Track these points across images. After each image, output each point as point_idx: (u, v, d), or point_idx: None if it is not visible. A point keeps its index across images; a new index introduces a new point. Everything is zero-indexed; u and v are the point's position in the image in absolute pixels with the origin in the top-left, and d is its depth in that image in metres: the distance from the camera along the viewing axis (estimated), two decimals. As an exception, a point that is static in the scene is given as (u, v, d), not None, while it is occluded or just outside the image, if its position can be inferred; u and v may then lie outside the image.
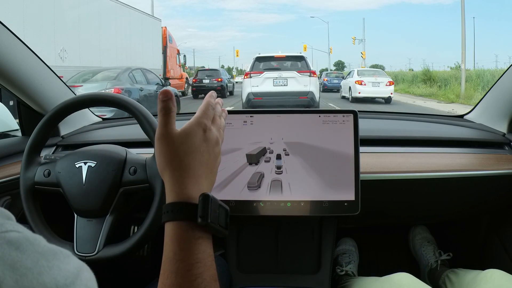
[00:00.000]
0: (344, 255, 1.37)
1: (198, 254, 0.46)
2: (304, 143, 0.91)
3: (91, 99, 0.87)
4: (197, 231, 0.47)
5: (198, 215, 0.47)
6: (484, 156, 1.11)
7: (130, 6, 13.12)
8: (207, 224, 0.47)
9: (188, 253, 0.46)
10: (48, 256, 0.32)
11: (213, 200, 0.49)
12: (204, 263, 0.46)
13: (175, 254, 0.46)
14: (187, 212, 0.47)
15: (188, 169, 0.49)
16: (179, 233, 0.47)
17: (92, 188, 0.81)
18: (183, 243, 0.47)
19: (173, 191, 0.49)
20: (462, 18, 14.92)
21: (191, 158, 0.50)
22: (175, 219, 0.48)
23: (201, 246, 0.47)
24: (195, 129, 0.52)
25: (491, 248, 1.29)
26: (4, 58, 0.94)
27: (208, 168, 0.52)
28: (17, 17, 7.73)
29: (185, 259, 0.46)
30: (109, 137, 1.20)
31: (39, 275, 0.30)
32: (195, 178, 0.50)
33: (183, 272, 0.45)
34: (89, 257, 0.79)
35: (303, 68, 8.70)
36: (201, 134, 0.52)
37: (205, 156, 0.51)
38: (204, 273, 0.45)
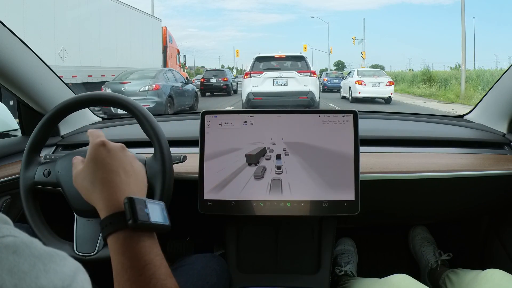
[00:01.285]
0: (343, 255, 1.37)
1: (144, 257, 0.47)
2: (304, 143, 0.91)
3: (91, 99, 0.87)
4: (135, 235, 0.48)
5: (127, 219, 0.48)
6: (484, 156, 1.11)
7: (130, 6, 13.10)
8: (138, 224, 0.48)
9: (134, 259, 0.47)
10: (45, 260, 0.32)
11: (137, 200, 0.49)
12: (153, 263, 0.47)
13: (123, 264, 0.47)
14: (118, 221, 0.48)
15: (107, 183, 0.51)
16: (120, 243, 0.48)
17: (92, 188, 0.81)
18: (127, 251, 0.47)
19: (102, 209, 0.51)
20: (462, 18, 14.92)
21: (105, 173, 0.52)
22: (111, 231, 0.49)
23: (145, 248, 0.48)
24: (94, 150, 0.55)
25: (491, 248, 1.29)
26: (4, 58, 0.94)
27: (127, 173, 0.53)
28: (17, 17, 7.72)
29: (133, 266, 0.46)
30: (109, 137, 1.19)
31: (37, 279, 0.30)
32: (117, 187, 0.51)
33: (136, 278, 0.45)
34: (89, 256, 0.78)
35: (303, 68, 8.70)
36: (102, 149, 0.55)
37: (116, 165, 0.53)
38: (156, 273, 0.46)
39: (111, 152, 0.54)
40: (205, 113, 0.93)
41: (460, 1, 14.91)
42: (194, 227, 1.51)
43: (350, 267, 1.31)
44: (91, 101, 0.88)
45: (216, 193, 0.91)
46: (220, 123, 0.93)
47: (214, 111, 0.94)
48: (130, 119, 1.38)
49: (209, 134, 0.92)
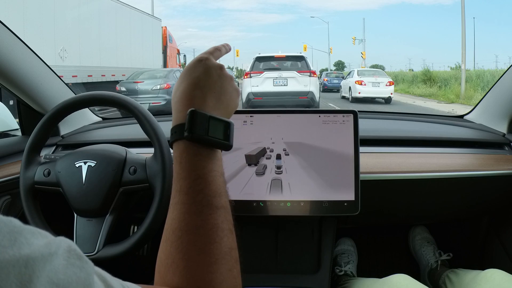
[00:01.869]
0: (343, 255, 1.37)
1: (197, 171, 0.47)
2: (304, 143, 0.91)
3: (91, 98, 0.87)
4: (194, 147, 0.49)
5: (185, 129, 0.48)
6: (484, 156, 1.11)
7: (130, 6, 13.10)
8: (194, 136, 0.48)
9: (188, 170, 0.47)
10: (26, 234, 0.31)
11: (200, 114, 0.49)
12: (205, 178, 0.47)
13: (178, 174, 0.48)
14: (180, 131, 0.49)
15: (186, 97, 0.51)
16: (178, 153, 0.49)
17: (92, 188, 0.81)
18: (183, 162, 0.48)
19: (174, 118, 0.51)
20: (462, 18, 14.92)
21: (190, 86, 0.52)
22: (173, 140, 0.50)
23: (200, 162, 0.48)
24: (193, 62, 0.54)
25: (491, 248, 1.29)
26: (4, 58, 0.94)
27: (212, 90, 0.53)
28: (17, 17, 7.72)
29: (186, 177, 0.47)
30: (109, 137, 1.20)
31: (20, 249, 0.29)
32: (196, 101, 0.51)
33: (186, 190, 0.46)
34: (89, 256, 0.78)
35: (303, 68, 8.70)
36: (199, 64, 0.54)
37: (206, 81, 0.52)
38: (205, 189, 0.47)
39: (205, 68, 0.54)
40: (205, 113, 0.93)
41: (460, 1, 14.91)
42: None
43: (350, 267, 1.31)
44: (91, 101, 0.88)
45: (216, 193, 0.91)
46: (220, 123, 0.92)
47: None
48: (130, 119, 1.38)
49: (209, 134, 0.92)
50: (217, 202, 0.47)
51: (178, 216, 0.45)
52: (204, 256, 0.43)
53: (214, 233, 0.45)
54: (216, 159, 0.50)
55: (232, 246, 0.47)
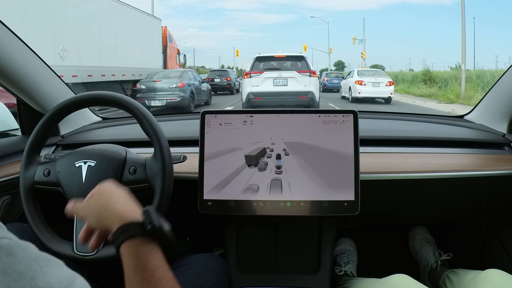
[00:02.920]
0: (343, 255, 1.37)
1: (155, 261, 0.52)
2: (304, 143, 0.91)
3: (91, 98, 0.87)
4: (147, 242, 0.54)
5: (146, 224, 0.54)
6: (484, 157, 1.11)
7: (130, 6, 13.09)
8: (156, 229, 0.54)
9: (147, 261, 0.51)
10: (41, 263, 0.32)
11: (152, 210, 0.56)
12: (163, 268, 0.52)
13: (136, 266, 0.51)
14: (134, 228, 0.54)
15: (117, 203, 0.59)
16: (133, 247, 0.53)
17: (91, 188, 0.80)
18: (141, 254, 0.52)
19: (115, 222, 0.56)
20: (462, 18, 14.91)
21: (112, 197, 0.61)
22: (127, 237, 0.54)
23: (157, 254, 0.53)
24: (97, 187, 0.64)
25: (491, 248, 1.29)
26: (4, 58, 0.94)
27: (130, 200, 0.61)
28: (18, 17, 7.71)
29: (145, 268, 0.51)
30: (109, 137, 1.20)
31: (32, 280, 0.30)
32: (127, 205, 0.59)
33: (148, 278, 0.50)
34: (89, 256, 0.79)
35: (303, 68, 8.69)
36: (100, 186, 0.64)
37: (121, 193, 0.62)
38: (166, 276, 0.51)
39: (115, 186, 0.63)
40: (205, 113, 0.93)
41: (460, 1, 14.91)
42: (194, 227, 1.51)
43: (350, 267, 1.31)
44: (91, 101, 0.88)
45: (216, 193, 0.91)
46: (220, 123, 0.93)
47: (214, 111, 0.94)
48: (130, 119, 1.38)
49: (209, 134, 0.92)
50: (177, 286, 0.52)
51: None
52: None
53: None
54: (161, 253, 0.55)
55: None
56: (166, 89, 9.90)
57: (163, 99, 9.77)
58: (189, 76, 10.87)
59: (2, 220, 0.35)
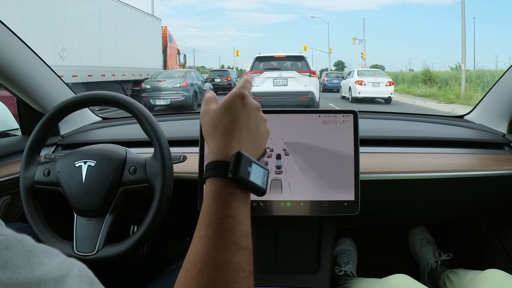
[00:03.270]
0: (343, 255, 1.37)
1: (230, 209, 0.48)
2: (304, 143, 0.91)
3: (91, 98, 0.87)
4: (231, 187, 0.50)
5: (228, 170, 0.50)
6: (484, 157, 1.11)
7: (130, 6, 13.09)
8: (236, 178, 0.49)
9: (220, 207, 0.48)
10: (39, 254, 0.32)
11: (245, 157, 0.51)
12: (236, 218, 0.48)
13: (209, 208, 0.48)
14: (221, 169, 0.50)
15: (229, 133, 0.53)
16: (213, 189, 0.50)
17: (91, 188, 0.81)
18: (217, 198, 0.49)
19: (213, 152, 0.53)
20: (462, 18, 14.92)
21: (231, 123, 0.54)
22: (211, 175, 0.51)
23: (234, 201, 0.49)
24: (232, 98, 0.56)
25: (491, 248, 1.29)
26: (4, 57, 0.94)
27: (250, 132, 0.55)
28: (17, 16, 7.71)
29: (217, 213, 0.48)
30: (109, 137, 1.20)
31: (32, 270, 0.30)
32: (235, 141, 0.53)
33: (215, 225, 0.47)
34: (89, 256, 0.79)
35: (303, 68, 8.69)
36: (239, 101, 0.55)
37: (245, 120, 0.55)
38: (234, 228, 0.48)
39: (245, 107, 0.56)
40: (205, 113, 0.93)
41: (460, 1, 14.91)
42: (194, 227, 1.50)
43: (350, 267, 1.31)
44: (91, 101, 0.88)
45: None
46: (220, 123, 0.92)
47: None
48: (130, 119, 1.38)
49: (209, 134, 0.92)
50: (243, 242, 0.48)
51: (203, 250, 0.46)
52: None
53: (236, 273, 0.45)
54: (248, 201, 0.52)
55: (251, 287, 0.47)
56: (170, 89, 10.27)
57: (168, 98, 10.10)
58: (192, 76, 11.28)
59: (2, 220, 0.35)
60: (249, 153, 0.53)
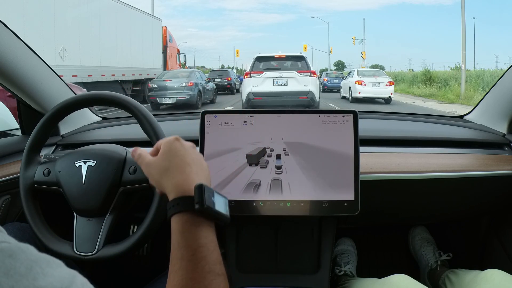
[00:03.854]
0: (342, 255, 1.37)
1: (200, 240, 0.50)
2: (304, 143, 0.91)
3: (91, 98, 0.87)
4: (197, 219, 0.52)
5: (194, 202, 0.51)
6: (483, 157, 1.11)
7: (130, 6, 13.09)
8: (204, 209, 0.51)
9: (190, 240, 0.50)
10: (42, 264, 0.32)
11: (207, 188, 0.53)
12: (207, 247, 0.50)
13: (179, 243, 0.50)
14: (186, 203, 0.52)
15: (181, 171, 0.56)
16: (181, 223, 0.52)
17: (91, 188, 0.81)
18: (186, 231, 0.51)
19: (172, 191, 0.54)
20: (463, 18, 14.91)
21: (180, 163, 0.56)
22: (176, 211, 0.52)
23: (202, 232, 0.51)
24: (171, 143, 0.59)
25: (491, 248, 1.29)
26: (4, 57, 0.94)
27: (197, 165, 0.58)
28: (17, 16, 7.71)
29: (188, 246, 0.50)
30: (109, 137, 1.20)
31: (34, 280, 0.30)
32: (190, 176, 0.55)
33: (188, 257, 0.49)
34: (89, 256, 0.79)
35: (303, 68, 8.69)
36: (177, 143, 0.59)
37: (189, 157, 0.58)
38: (207, 257, 0.49)
39: (184, 147, 0.59)
40: (205, 113, 0.93)
41: (460, 2, 14.90)
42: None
43: (350, 267, 1.31)
44: (91, 101, 0.88)
45: (216, 193, 0.91)
46: (220, 123, 0.93)
47: (214, 111, 0.94)
48: (130, 119, 1.38)
49: (209, 134, 0.92)
50: (218, 269, 0.50)
51: (180, 283, 0.47)
52: None
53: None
54: (213, 230, 0.54)
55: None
56: (176, 88, 10.76)
57: (173, 97, 10.58)
58: (196, 76, 11.81)
59: (2, 220, 0.36)
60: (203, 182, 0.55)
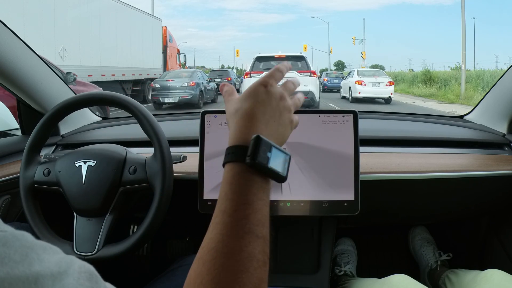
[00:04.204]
0: (342, 255, 1.37)
1: (247, 196, 0.47)
2: (304, 143, 0.91)
3: (91, 98, 0.87)
4: (249, 173, 0.48)
5: (247, 155, 0.48)
6: (483, 157, 1.11)
7: (130, 6, 13.09)
8: (255, 164, 0.47)
9: (236, 194, 0.47)
10: (38, 250, 0.32)
11: (265, 141, 0.49)
12: (252, 206, 0.46)
13: (226, 194, 0.47)
14: (239, 154, 0.49)
15: (250, 118, 0.52)
16: (231, 174, 0.49)
17: (91, 188, 0.81)
18: (234, 184, 0.48)
19: (233, 136, 0.51)
20: (463, 18, 14.92)
21: (253, 109, 0.52)
22: (229, 160, 0.49)
23: (252, 188, 0.47)
24: (256, 85, 0.55)
25: (491, 248, 1.29)
26: (4, 57, 0.94)
27: (273, 118, 0.53)
28: (18, 16, 7.71)
29: (233, 199, 0.46)
30: (109, 137, 1.20)
31: (30, 266, 0.30)
32: (256, 125, 0.51)
33: (230, 212, 0.45)
34: (89, 256, 0.79)
35: (303, 68, 8.70)
36: (262, 89, 0.55)
37: (266, 106, 0.53)
38: (250, 215, 0.46)
39: (268, 94, 0.55)
40: (205, 113, 0.93)
41: (461, 2, 14.91)
42: (194, 227, 1.51)
43: (350, 267, 1.31)
44: (91, 101, 0.88)
45: (216, 193, 0.90)
46: (220, 123, 0.93)
47: (214, 111, 0.94)
48: (130, 118, 1.38)
49: (209, 134, 0.92)
50: (259, 231, 0.46)
51: (217, 237, 0.44)
52: (233, 284, 0.41)
53: (249, 262, 0.43)
54: (268, 188, 0.50)
55: (264, 278, 0.44)
56: (178, 88, 11.02)
57: (176, 96, 10.85)
58: (198, 76, 12.05)
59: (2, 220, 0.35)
60: (271, 139, 0.51)
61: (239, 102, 0.54)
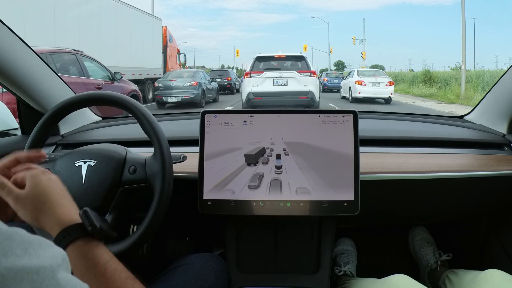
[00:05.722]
0: (342, 255, 1.37)
1: (104, 255, 0.53)
2: (304, 143, 0.91)
3: (91, 98, 0.87)
4: (92, 241, 0.54)
5: (86, 226, 0.54)
6: (483, 157, 1.11)
7: (130, 5, 13.09)
8: (97, 230, 0.54)
9: (96, 258, 0.52)
10: (35, 245, 0.36)
11: (90, 211, 0.56)
12: (114, 260, 0.53)
13: (86, 265, 0.52)
14: (75, 231, 0.54)
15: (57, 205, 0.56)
16: (80, 249, 0.53)
17: (91, 187, 0.81)
18: (88, 253, 0.53)
19: (55, 226, 0.55)
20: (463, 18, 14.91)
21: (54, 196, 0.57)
22: (70, 241, 0.53)
23: (103, 249, 0.54)
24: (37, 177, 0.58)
25: (490, 248, 1.29)
26: (4, 57, 0.94)
27: (67, 196, 0.60)
28: (18, 16, 7.71)
29: (97, 263, 0.52)
30: (108, 136, 1.20)
31: (30, 260, 0.34)
32: (66, 207, 0.57)
33: (102, 272, 0.51)
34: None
35: (303, 68, 8.69)
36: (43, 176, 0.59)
37: (59, 190, 0.59)
38: (118, 267, 0.52)
39: (52, 180, 0.60)
40: (205, 113, 0.93)
41: (460, 2, 14.90)
42: (193, 227, 1.51)
43: (350, 267, 1.31)
44: (91, 101, 0.88)
45: (216, 192, 0.91)
46: (220, 123, 0.93)
47: (214, 110, 0.94)
48: (130, 118, 1.38)
49: (209, 134, 0.92)
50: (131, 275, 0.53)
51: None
52: None
53: None
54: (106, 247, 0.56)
55: None
56: (181, 87, 11.22)
57: (179, 96, 11.04)
58: (200, 76, 12.26)
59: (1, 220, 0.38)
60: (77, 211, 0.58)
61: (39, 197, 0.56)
